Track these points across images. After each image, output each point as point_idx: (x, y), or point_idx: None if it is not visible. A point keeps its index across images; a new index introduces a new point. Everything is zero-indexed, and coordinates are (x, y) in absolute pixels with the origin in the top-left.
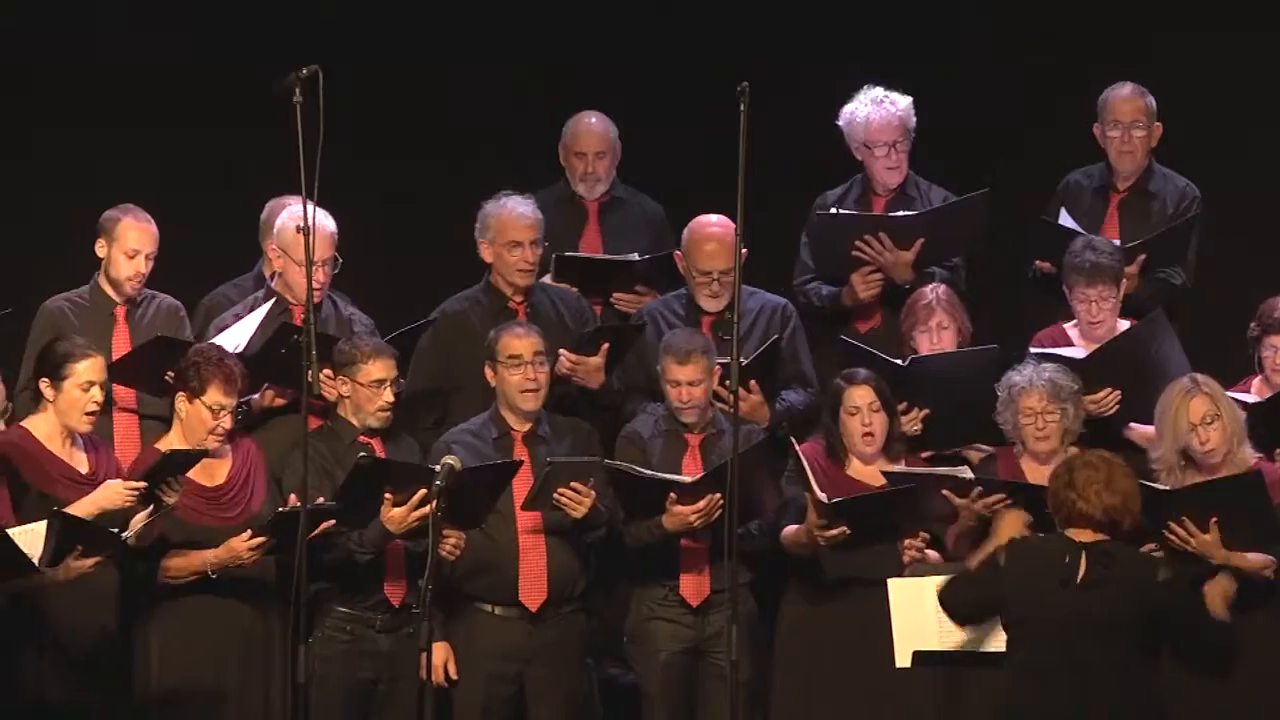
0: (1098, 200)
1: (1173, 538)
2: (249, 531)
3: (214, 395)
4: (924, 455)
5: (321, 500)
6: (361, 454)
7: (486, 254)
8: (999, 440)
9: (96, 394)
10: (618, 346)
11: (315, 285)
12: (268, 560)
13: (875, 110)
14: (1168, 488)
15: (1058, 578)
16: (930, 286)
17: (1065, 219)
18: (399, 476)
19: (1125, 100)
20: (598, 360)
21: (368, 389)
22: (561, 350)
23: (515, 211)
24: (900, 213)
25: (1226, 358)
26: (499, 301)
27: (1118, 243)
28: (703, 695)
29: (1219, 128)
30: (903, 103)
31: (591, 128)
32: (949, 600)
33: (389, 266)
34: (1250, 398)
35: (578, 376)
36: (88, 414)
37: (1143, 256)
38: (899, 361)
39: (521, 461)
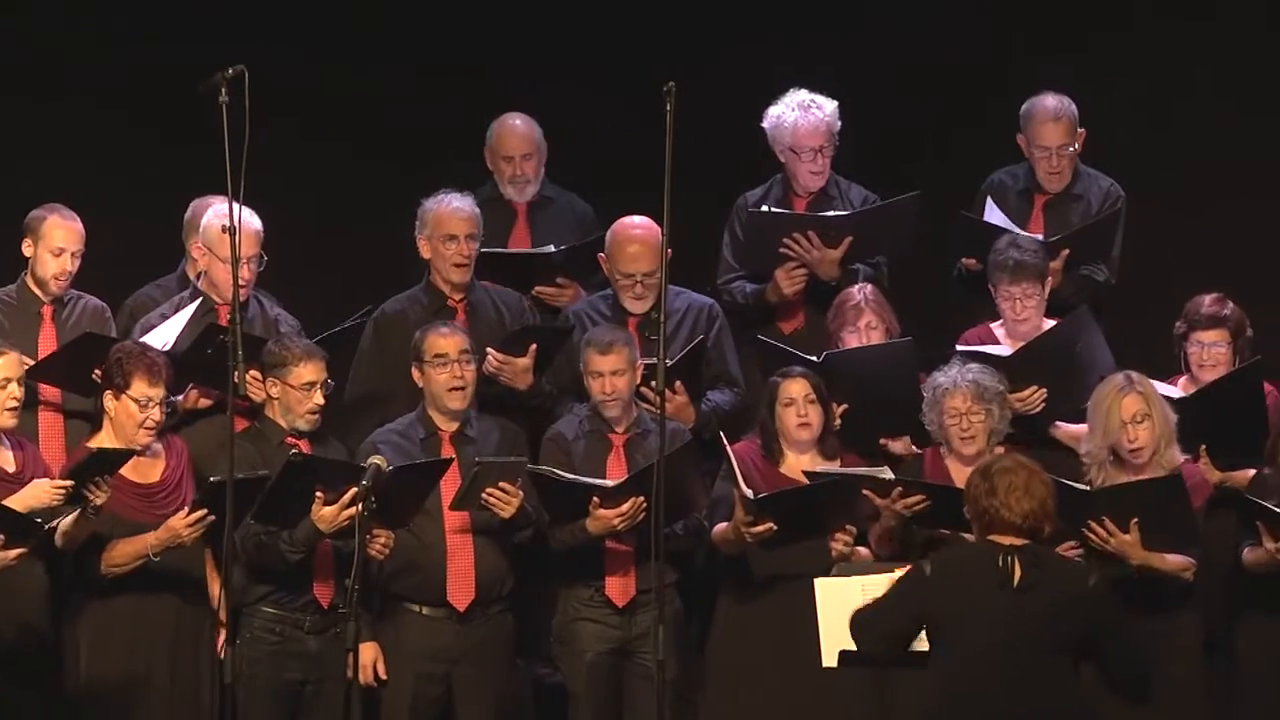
0: (1023, 201)
1: (1092, 537)
2: (186, 509)
3: (139, 388)
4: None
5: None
6: (293, 451)
7: (424, 249)
8: (916, 434)
9: (15, 390)
10: (546, 348)
11: (240, 283)
12: (199, 556)
13: (802, 116)
14: (1088, 488)
15: (993, 581)
16: (858, 287)
17: (992, 212)
18: (329, 475)
19: (1050, 124)
20: (525, 361)
21: (298, 391)
22: (489, 349)
23: (451, 206)
24: (831, 213)
25: (1152, 356)
26: (438, 300)
27: (1040, 238)
28: (629, 695)
29: (1144, 126)
30: (829, 107)
31: (516, 130)
32: (866, 634)
33: (317, 267)
34: (1175, 391)
35: (504, 376)
36: (8, 409)
37: (1066, 252)
38: (814, 358)
39: (452, 460)
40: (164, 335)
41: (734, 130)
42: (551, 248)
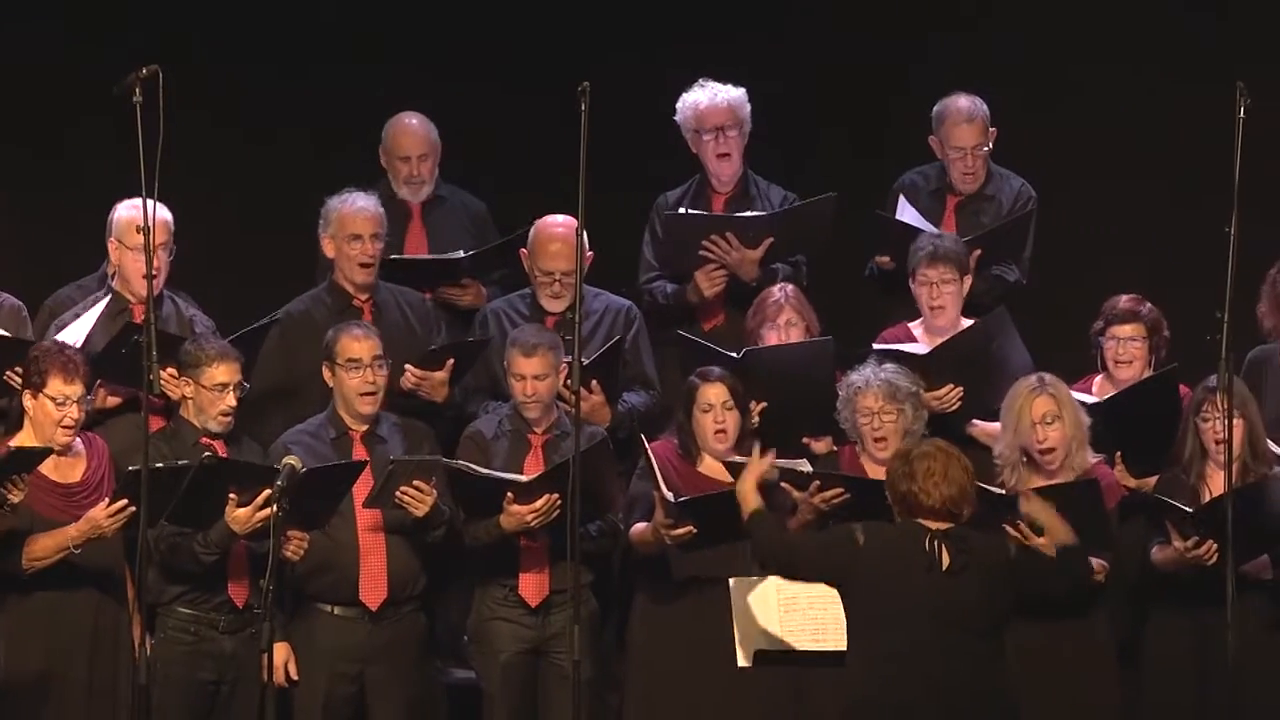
0: (934, 202)
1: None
2: (106, 500)
3: (55, 386)
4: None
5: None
6: (206, 454)
7: (328, 249)
8: (834, 432)
9: None
10: (462, 361)
11: (153, 272)
12: (118, 554)
13: (705, 96)
14: (1005, 491)
15: (921, 564)
16: (779, 285)
17: (905, 210)
18: (242, 476)
19: (964, 125)
20: (442, 375)
21: (210, 392)
22: (407, 365)
23: (355, 206)
24: (749, 213)
25: (1070, 358)
26: (343, 300)
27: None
28: (544, 695)
29: (1056, 126)
30: (735, 92)
31: (412, 130)
32: (767, 553)
33: (231, 268)
34: (1090, 398)
35: (422, 391)
36: None
37: (978, 251)
38: (734, 355)
39: (365, 463)
40: (75, 331)
41: (653, 130)
42: (461, 253)
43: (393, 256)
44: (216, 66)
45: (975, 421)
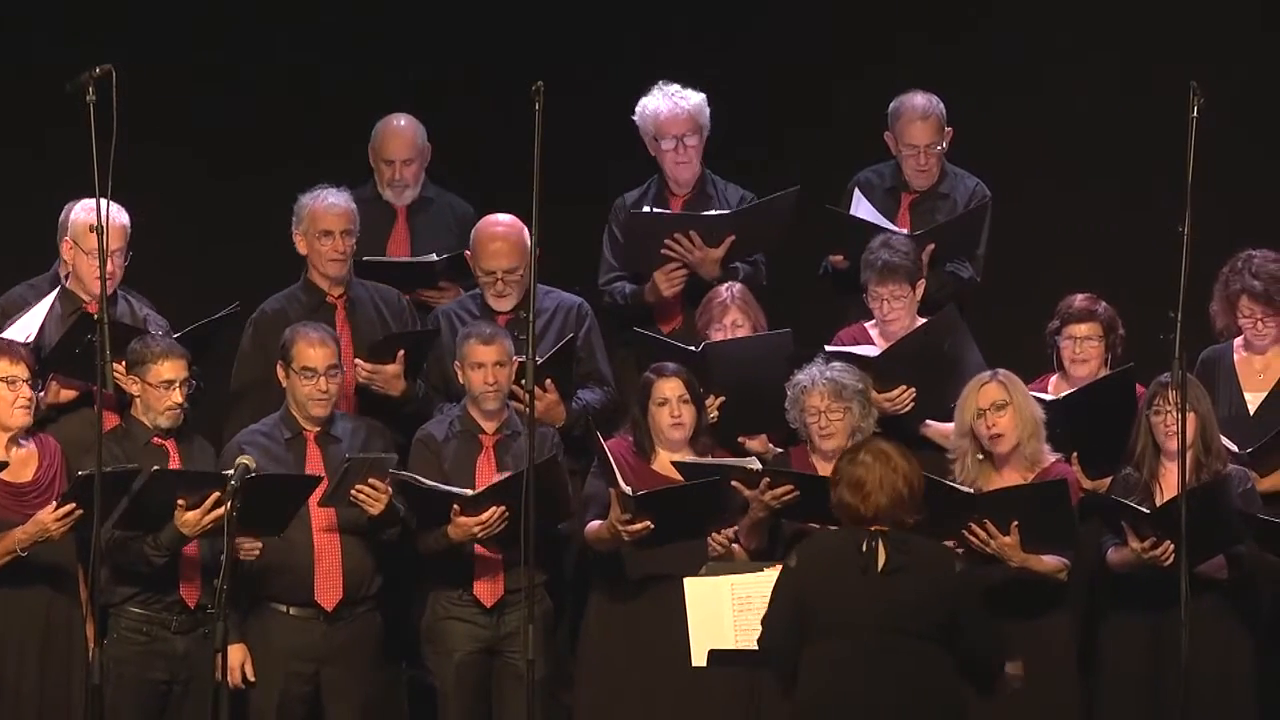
0: (889, 199)
1: (973, 539)
2: (54, 503)
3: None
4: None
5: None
6: (155, 467)
7: (301, 245)
8: (791, 429)
9: None
10: (415, 352)
11: (107, 276)
12: (69, 553)
13: (666, 103)
14: (971, 490)
15: (857, 565)
16: (725, 285)
17: (860, 205)
18: (191, 485)
19: (919, 122)
20: (395, 368)
21: (156, 389)
22: (356, 359)
23: (327, 201)
24: (711, 211)
25: (1021, 356)
26: (317, 297)
27: (908, 239)
28: (499, 695)
29: (1010, 126)
30: (695, 98)
31: (399, 133)
32: (767, 639)
33: (186, 268)
34: (1047, 396)
35: (376, 384)
36: None
37: (931, 246)
38: (693, 349)
39: (321, 478)
40: (26, 326)
41: (610, 131)
42: (434, 256)
43: (364, 259)
44: (171, 66)
45: (929, 422)
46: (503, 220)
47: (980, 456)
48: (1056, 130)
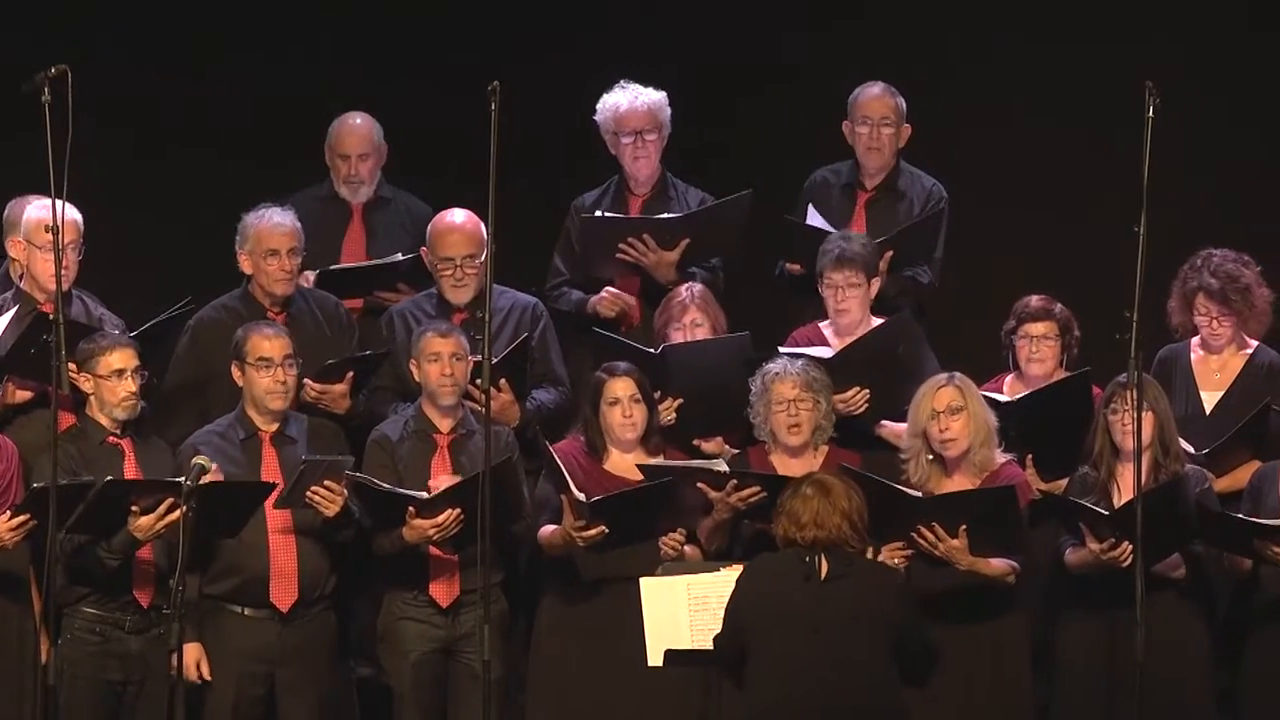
0: (845, 198)
1: (921, 542)
2: (8, 513)
3: None
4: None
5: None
6: (109, 478)
7: (245, 265)
8: (749, 431)
9: None
10: (361, 374)
11: (62, 272)
12: (23, 554)
13: (625, 99)
14: (919, 494)
15: (799, 575)
16: (685, 285)
17: (813, 217)
18: (146, 493)
19: (875, 98)
20: (342, 387)
21: (108, 380)
22: (306, 380)
23: (272, 221)
24: (664, 214)
25: (976, 357)
26: (257, 312)
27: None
28: (454, 695)
29: (965, 126)
30: (655, 95)
31: (355, 129)
32: (720, 656)
33: (140, 268)
34: (1002, 397)
35: (323, 403)
36: None
37: (890, 253)
38: (652, 351)
39: (275, 485)
40: None
41: (568, 131)
42: (399, 256)
43: (331, 267)
44: (126, 67)
45: (884, 423)
46: (459, 211)
47: (930, 458)
48: (1011, 131)
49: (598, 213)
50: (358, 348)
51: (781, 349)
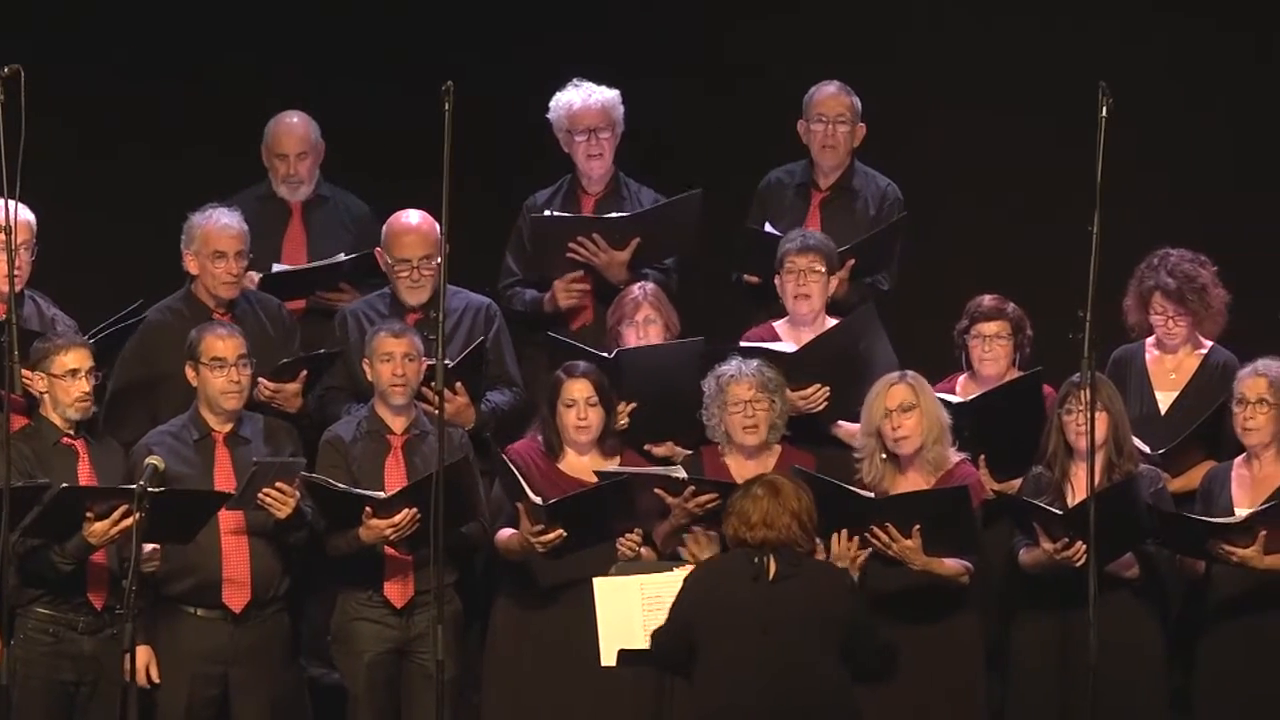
0: (799, 198)
1: (875, 541)
2: None
3: None
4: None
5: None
6: (64, 484)
7: (191, 265)
8: (702, 434)
9: None
10: (314, 373)
11: (15, 270)
12: None
13: (578, 96)
14: (873, 495)
15: (748, 576)
16: (638, 284)
17: (772, 230)
18: (100, 499)
19: (831, 96)
20: (295, 386)
21: (62, 380)
22: (261, 379)
23: (220, 223)
24: (614, 214)
25: (929, 357)
26: (202, 312)
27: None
28: (408, 695)
29: (918, 126)
30: (609, 93)
31: (292, 128)
32: (659, 655)
33: (95, 268)
34: (955, 397)
35: (276, 403)
36: None
37: (852, 261)
38: (606, 355)
39: (228, 495)
40: None
41: (520, 130)
42: (342, 256)
43: (275, 270)
44: (77, 67)
45: (840, 422)
46: (414, 212)
47: (884, 457)
48: (964, 130)
49: (547, 212)
50: (301, 349)
51: (742, 343)
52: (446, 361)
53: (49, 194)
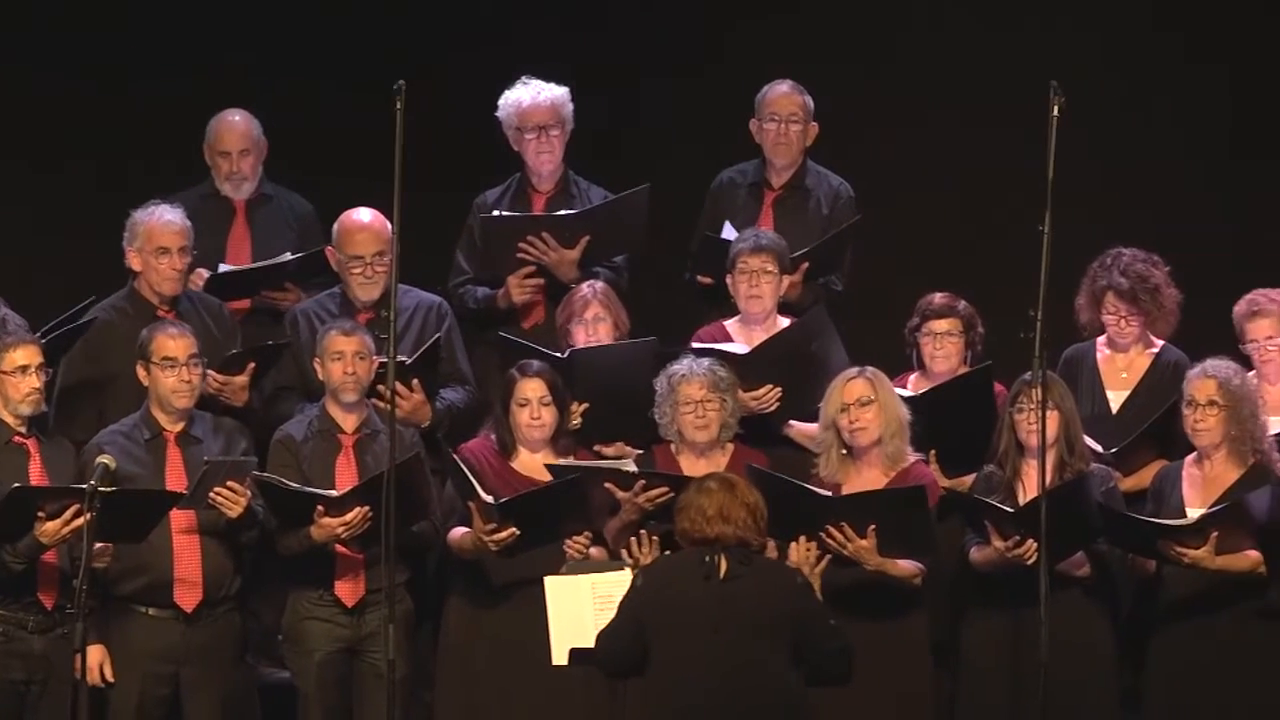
0: (751, 198)
1: (830, 541)
2: None
3: None
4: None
5: None
6: (15, 484)
7: (135, 262)
8: (654, 435)
9: None
10: (262, 365)
11: None
12: None
13: (528, 93)
14: (830, 494)
15: (699, 575)
16: (587, 282)
17: (729, 232)
18: (52, 499)
19: (783, 95)
20: (243, 379)
21: (12, 376)
22: (209, 372)
23: (163, 219)
24: (562, 211)
25: (881, 356)
26: (146, 310)
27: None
28: (359, 694)
29: (871, 125)
30: (558, 91)
31: (234, 126)
32: (604, 656)
33: (42, 268)
34: (907, 393)
35: (224, 396)
36: None
37: (805, 265)
38: (559, 355)
39: (180, 495)
40: None
41: (469, 130)
42: (288, 256)
43: (221, 270)
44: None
45: (792, 422)
46: (366, 210)
47: (844, 451)
48: (917, 129)
49: (496, 211)
50: (241, 348)
51: (694, 344)
52: (404, 359)
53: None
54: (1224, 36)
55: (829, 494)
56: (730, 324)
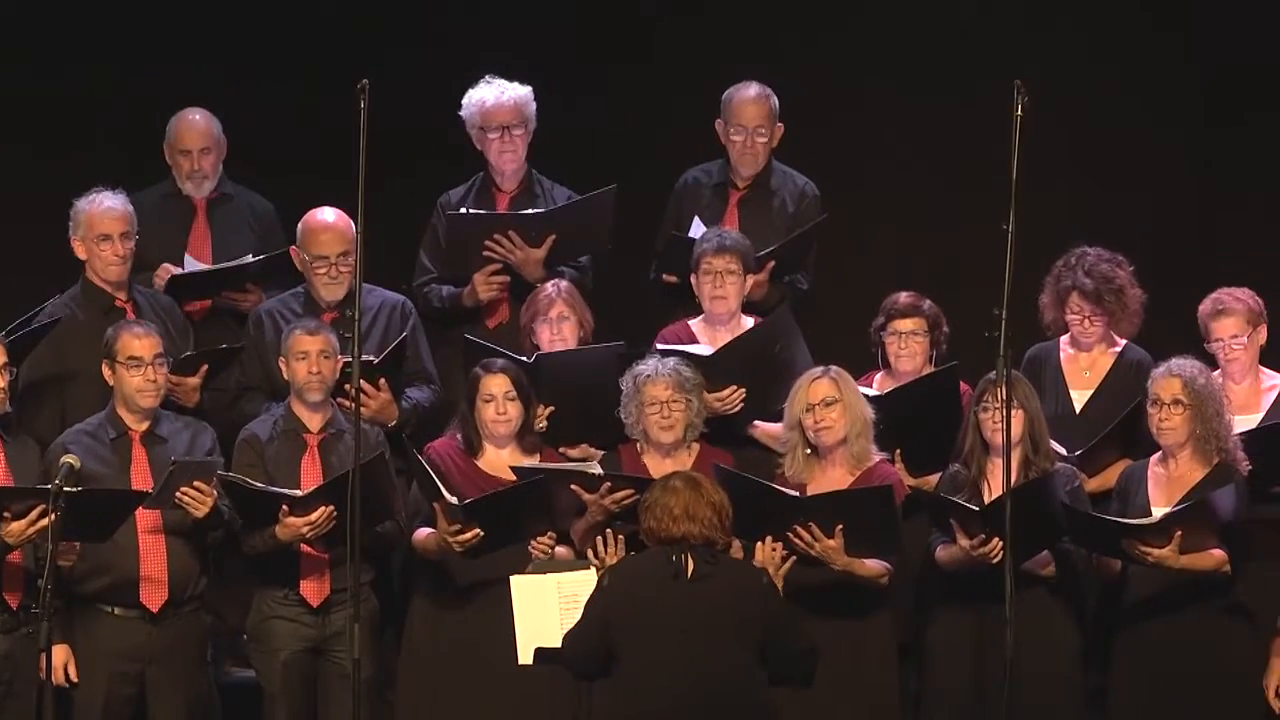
0: (717, 197)
1: (797, 541)
2: None
3: None
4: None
5: None
6: None
7: (80, 251)
8: (620, 438)
9: None
10: (214, 368)
11: None
12: None
13: (491, 93)
14: (798, 494)
15: (667, 575)
16: (552, 281)
17: (697, 229)
18: (16, 499)
19: (750, 104)
20: (195, 380)
21: None
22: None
23: (104, 206)
24: (529, 210)
25: (847, 356)
26: (103, 301)
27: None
28: (324, 693)
29: (837, 124)
30: (521, 90)
31: (194, 124)
32: (571, 657)
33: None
34: (872, 392)
35: (177, 396)
36: None
37: (771, 264)
38: (525, 359)
39: (146, 494)
40: None
41: (432, 129)
42: (250, 257)
43: (184, 271)
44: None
45: (757, 423)
46: (330, 210)
47: (809, 451)
48: (881, 127)
49: (462, 209)
50: (194, 348)
51: (659, 345)
52: (371, 358)
53: None
54: (1206, 36)
55: (796, 494)
56: (695, 324)
